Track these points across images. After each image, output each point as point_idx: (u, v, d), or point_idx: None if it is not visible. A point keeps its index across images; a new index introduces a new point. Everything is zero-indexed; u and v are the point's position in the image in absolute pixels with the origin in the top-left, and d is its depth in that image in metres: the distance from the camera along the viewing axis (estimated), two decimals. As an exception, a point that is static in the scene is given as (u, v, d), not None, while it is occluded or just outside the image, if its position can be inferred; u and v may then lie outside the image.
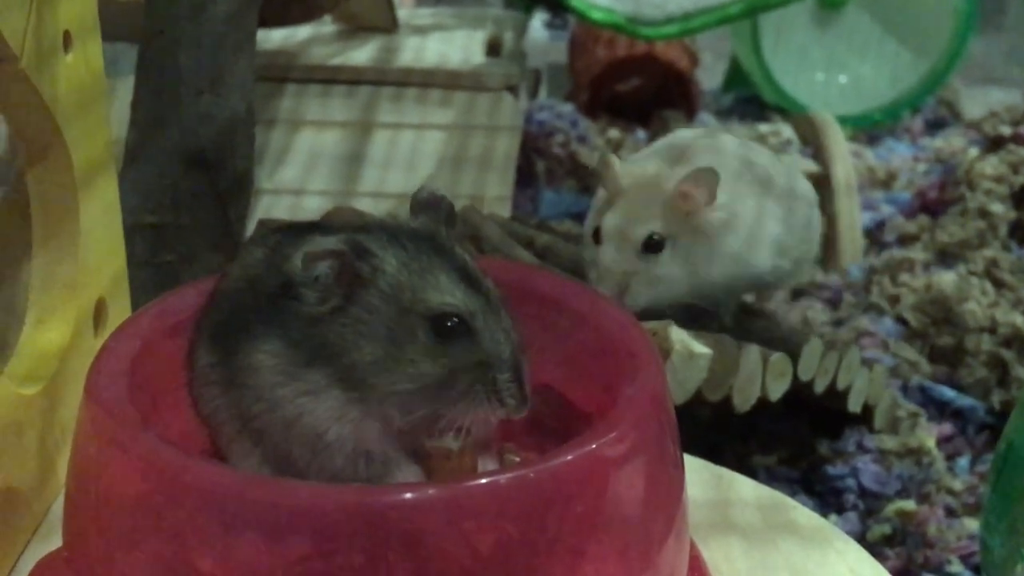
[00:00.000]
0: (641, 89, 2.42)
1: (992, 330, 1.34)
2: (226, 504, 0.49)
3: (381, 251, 0.54)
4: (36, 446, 0.66)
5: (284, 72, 1.74)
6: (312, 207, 1.53)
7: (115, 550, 0.52)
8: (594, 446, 0.52)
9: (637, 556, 0.55)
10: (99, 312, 0.75)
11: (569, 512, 0.51)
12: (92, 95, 0.73)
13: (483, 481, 0.50)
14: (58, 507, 0.68)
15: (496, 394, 0.54)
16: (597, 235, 0.93)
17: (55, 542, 0.64)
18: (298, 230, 0.58)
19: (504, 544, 0.50)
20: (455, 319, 0.53)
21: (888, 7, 2.45)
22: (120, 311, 0.80)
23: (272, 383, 0.54)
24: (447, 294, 0.53)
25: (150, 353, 0.59)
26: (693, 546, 0.63)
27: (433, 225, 0.57)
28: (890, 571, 0.68)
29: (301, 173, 1.62)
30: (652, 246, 0.90)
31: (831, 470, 1.13)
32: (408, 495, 0.49)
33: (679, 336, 0.84)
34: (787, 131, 2.00)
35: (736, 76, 2.63)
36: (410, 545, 0.48)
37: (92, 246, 0.74)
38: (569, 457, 0.51)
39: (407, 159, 1.66)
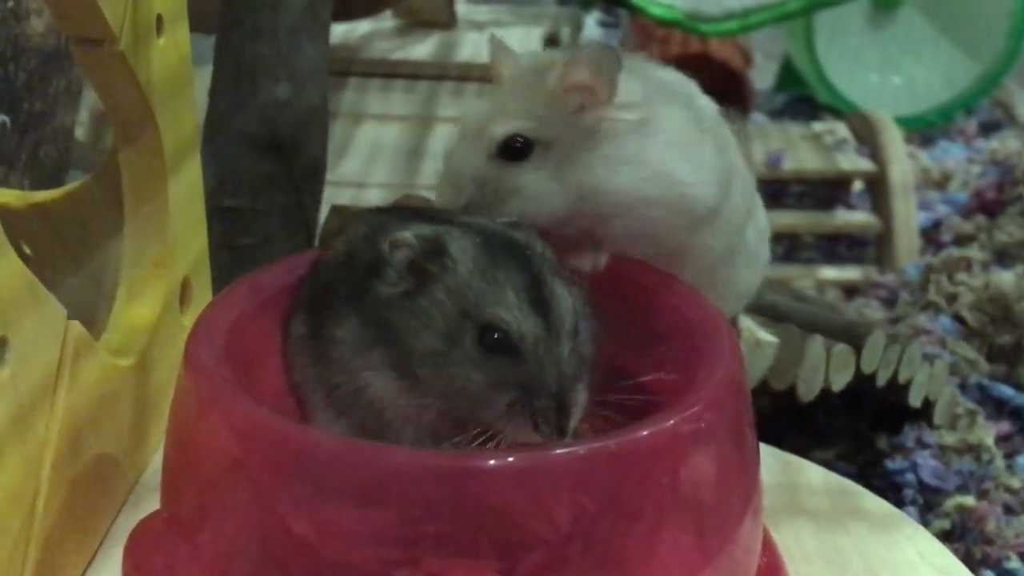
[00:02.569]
0: (694, 88, 2.42)
1: (1051, 329, 1.34)
2: (318, 466, 0.50)
3: (460, 252, 0.55)
4: (129, 416, 0.68)
5: (346, 66, 1.76)
6: (373, 199, 1.55)
7: (212, 511, 0.54)
8: (672, 422, 0.53)
9: (713, 534, 0.55)
10: (184, 290, 0.78)
11: (647, 486, 0.52)
12: (181, 79, 0.76)
13: (562, 451, 0.51)
14: (148, 476, 0.71)
15: (532, 417, 0.54)
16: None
17: (146, 508, 0.66)
18: (403, 214, 0.60)
19: (582, 515, 0.50)
20: (502, 334, 0.53)
21: (943, 8, 2.44)
22: (202, 290, 0.82)
23: (348, 356, 0.56)
24: (503, 309, 0.54)
25: (243, 325, 0.61)
26: (764, 529, 0.64)
27: (533, 240, 0.58)
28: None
29: (362, 165, 1.64)
30: (512, 152, 0.65)
31: (890, 464, 1.13)
32: (491, 462, 0.50)
33: (747, 324, 0.85)
34: (842, 130, 2.00)
35: (788, 76, 2.63)
36: (491, 515, 0.49)
37: (178, 226, 0.76)
38: (646, 432, 0.52)
39: (466, 153, 1.68)
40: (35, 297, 0.55)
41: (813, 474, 0.75)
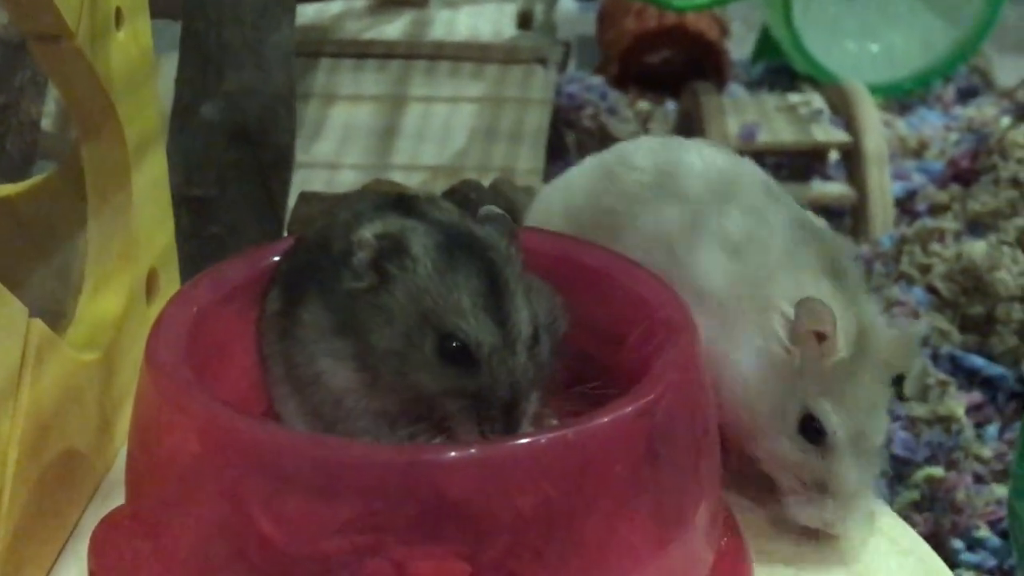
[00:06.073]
0: (671, 60, 2.42)
1: (1022, 299, 1.35)
2: (280, 462, 0.51)
3: (421, 251, 0.55)
4: (95, 411, 0.68)
5: (317, 47, 1.76)
6: (347, 180, 1.56)
7: (176, 507, 0.55)
8: (630, 409, 0.54)
9: (672, 516, 0.56)
10: (151, 282, 0.78)
11: (607, 472, 0.53)
12: (142, 71, 0.76)
13: (523, 441, 0.52)
14: (116, 470, 0.71)
15: (483, 424, 0.54)
16: (812, 428, 0.62)
17: (114, 501, 0.67)
18: (385, 204, 0.60)
19: (544, 504, 0.51)
20: (459, 344, 0.54)
21: (920, -26, 2.45)
22: (170, 281, 0.82)
23: (311, 339, 0.57)
24: (461, 318, 0.54)
25: (205, 320, 0.61)
26: (727, 509, 0.64)
27: (499, 239, 0.58)
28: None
29: (336, 147, 1.65)
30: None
31: (861, 437, 1.14)
32: (452, 454, 0.51)
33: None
34: (818, 101, 2.01)
35: (766, 46, 2.62)
36: (455, 504, 0.50)
37: (143, 218, 0.76)
38: (606, 419, 0.53)
39: (440, 132, 1.69)
40: (-6, 298, 0.55)
41: (777, 452, 0.76)
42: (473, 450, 0.52)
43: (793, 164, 1.97)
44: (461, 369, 0.54)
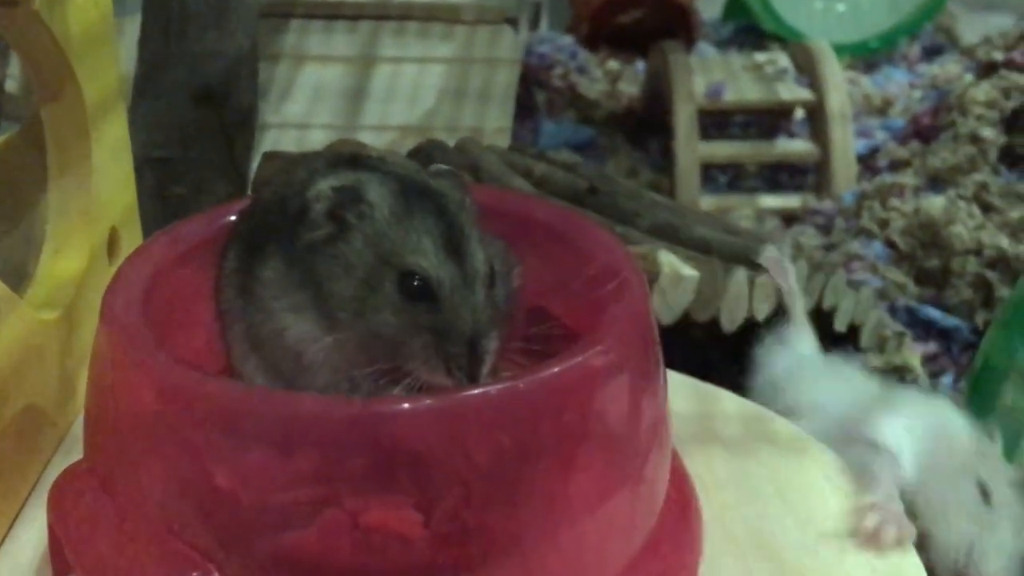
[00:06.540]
0: (642, 21, 2.42)
1: (978, 252, 1.38)
2: (236, 418, 0.52)
3: (377, 199, 0.57)
4: (57, 368, 0.69)
5: (288, 8, 1.76)
6: (317, 140, 1.56)
7: (133, 463, 0.55)
8: (581, 358, 0.55)
9: (622, 465, 0.58)
10: (113, 241, 0.79)
11: (559, 422, 0.54)
12: (101, 34, 0.76)
13: (475, 392, 0.53)
14: (79, 425, 0.72)
15: (446, 362, 0.55)
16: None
17: (76, 457, 0.68)
18: (339, 162, 0.61)
19: (498, 453, 0.52)
20: (420, 280, 0.55)
21: (886, -68, 2.45)
22: (132, 241, 0.83)
23: (270, 295, 0.58)
24: (420, 255, 0.56)
25: (162, 278, 0.62)
26: (676, 457, 0.66)
27: (452, 190, 0.60)
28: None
29: (306, 107, 1.65)
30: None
31: (819, 388, 1.16)
32: (406, 405, 0.51)
33: (667, 259, 0.87)
34: (783, 60, 2.02)
35: (735, 5, 2.62)
36: (408, 454, 0.51)
37: (104, 179, 0.77)
38: (557, 369, 0.54)
39: (409, 92, 1.69)
40: (-49, 258, 0.56)
41: (728, 402, 0.77)
42: (427, 401, 0.52)
43: (759, 122, 1.99)
44: (422, 306, 0.55)
